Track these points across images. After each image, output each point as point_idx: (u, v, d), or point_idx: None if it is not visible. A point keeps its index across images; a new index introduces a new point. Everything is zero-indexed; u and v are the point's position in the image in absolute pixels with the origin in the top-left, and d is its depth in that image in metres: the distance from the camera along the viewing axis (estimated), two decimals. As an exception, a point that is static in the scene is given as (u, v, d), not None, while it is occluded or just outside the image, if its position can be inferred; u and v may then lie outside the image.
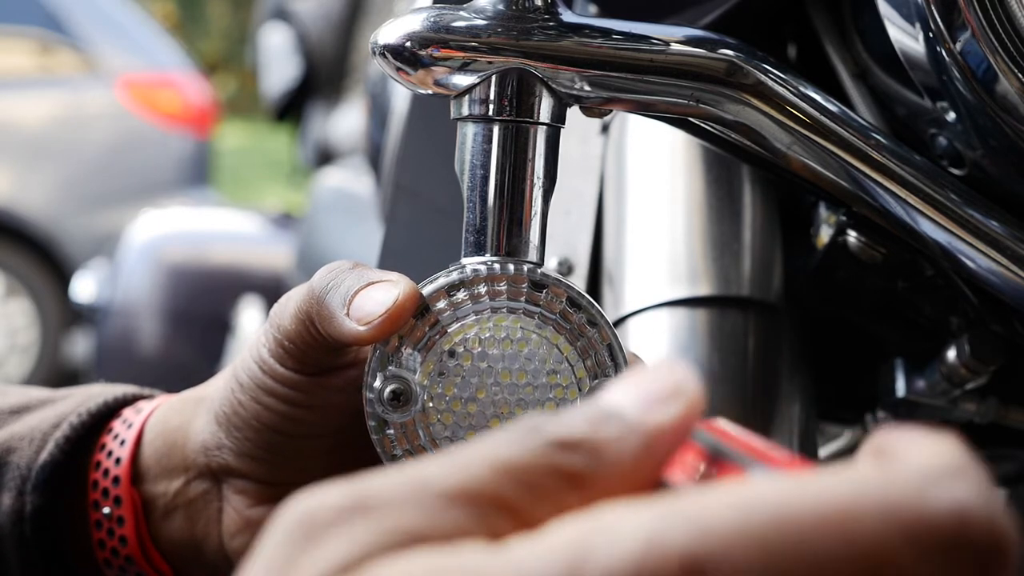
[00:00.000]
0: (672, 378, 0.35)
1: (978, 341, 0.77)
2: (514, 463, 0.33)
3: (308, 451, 0.65)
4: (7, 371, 5.10)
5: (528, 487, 0.33)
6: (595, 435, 0.34)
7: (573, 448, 0.33)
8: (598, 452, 0.34)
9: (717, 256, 0.81)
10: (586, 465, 0.33)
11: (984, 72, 0.64)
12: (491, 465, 0.33)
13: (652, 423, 0.34)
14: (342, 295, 0.60)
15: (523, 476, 0.33)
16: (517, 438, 0.34)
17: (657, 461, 0.34)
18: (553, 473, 0.33)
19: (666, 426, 0.34)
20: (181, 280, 2.96)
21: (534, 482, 0.33)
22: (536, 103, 0.63)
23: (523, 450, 0.33)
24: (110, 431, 0.70)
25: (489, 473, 0.33)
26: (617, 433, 0.34)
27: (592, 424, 0.34)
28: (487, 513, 0.32)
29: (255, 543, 0.68)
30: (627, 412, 0.34)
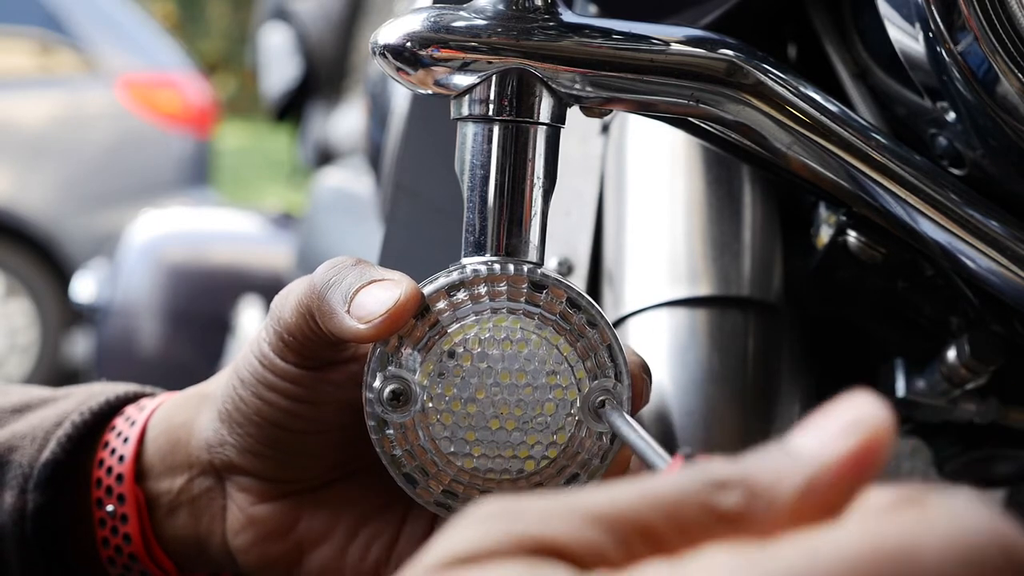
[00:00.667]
0: (853, 410, 0.34)
1: (978, 341, 0.77)
2: (666, 495, 0.33)
3: (310, 447, 0.65)
4: (7, 371, 5.10)
5: (676, 520, 0.33)
6: (755, 473, 0.33)
7: (728, 486, 0.33)
8: (754, 491, 0.33)
9: (717, 256, 0.81)
10: (738, 503, 0.33)
11: (984, 72, 0.64)
12: (643, 494, 0.33)
13: (816, 459, 0.33)
14: (344, 292, 0.60)
15: (673, 508, 0.33)
16: (678, 475, 0.33)
17: (825, 499, 0.33)
18: (703, 508, 0.33)
19: (833, 461, 0.33)
20: (181, 280, 2.96)
21: (683, 515, 0.33)
22: (536, 103, 0.63)
23: (679, 484, 0.33)
24: (113, 429, 0.70)
25: (639, 501, 0.33)
26: (778, 470, 0.33)
27: (756, 462, 0.33)
28: (629, 538, 0.33)
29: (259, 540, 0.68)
30: (802, 450, 0.33)
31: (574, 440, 0.61)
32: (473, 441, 0.61)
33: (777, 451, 0.33)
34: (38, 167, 5.41)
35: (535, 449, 0.61)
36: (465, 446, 0.61)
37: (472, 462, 0.61)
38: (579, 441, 0.61)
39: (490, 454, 0.61)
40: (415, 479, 0.62)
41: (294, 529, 0.67)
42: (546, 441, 0.61)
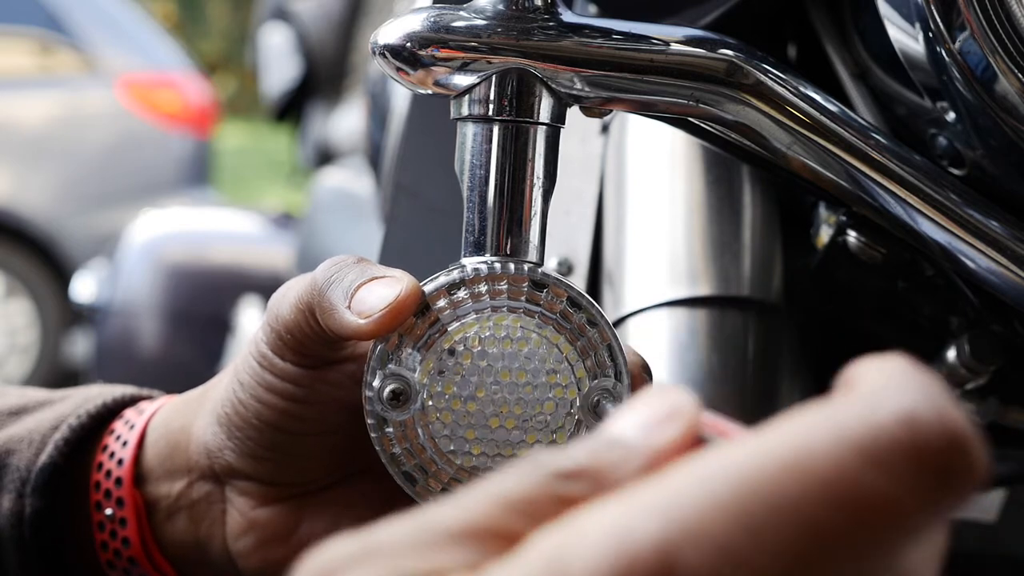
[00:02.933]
0: (669, 401, 0.36)
1: (978, 341, 0.77)
2: (516, 495, 0.33)
3: (310, 450, 0.65)
4: (7, 371, 5.10)
5: (532, 518, 0.33)
6: (596, 462, 0.34)
7: (575, 477, 0.34)
8: (599, 478, 0.34)
9: (717, 256, 0.81)
10: (588, 491, 0.33)
11: (984, 72, 0.64)
12: (494, 500, 0.33)
13: (651, 445, 0.34)
14: (345, 288, 0.60)
15: (526, 508, 0.33)
16: (519, 472, 0.34)
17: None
18: (556, 502, 0.33)
19: (665, 447, 0.35)
20: (181, 280, 2.96)
21: (538, 512, 0.33)
22: (536, 103, 0.63)
23: (525, 483, 0.34)
24: (112, 432, 0.70)
25: (492, 507, 0.33)
26: (617, 458, 0.34)
27: (593, 453, 0.34)
28: (492, 547, 0.33)
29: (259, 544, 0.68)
30: (627, 438, 0.35)
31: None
32: (473, 440, 0.61)
33: (604, 440, 0.35)
34: (38, 167, 5.41)
35: (535, 448, 0.61)
36: (465, 444, 0.61)
37: (472, 460, 0.61)
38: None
39: (490, 453, 0.61)
40: (414, 477, 0.62)
41: (295, 532, 0.67)
42: (546, 440, 0.61)
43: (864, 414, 0.30)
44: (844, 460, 0.29)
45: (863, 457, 0.29)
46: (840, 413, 0.30)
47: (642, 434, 0.35)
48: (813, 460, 0.29)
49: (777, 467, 0.29)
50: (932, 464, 0.29)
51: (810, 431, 0.30)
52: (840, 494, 0.29)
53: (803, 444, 0.30)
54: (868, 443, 0.29)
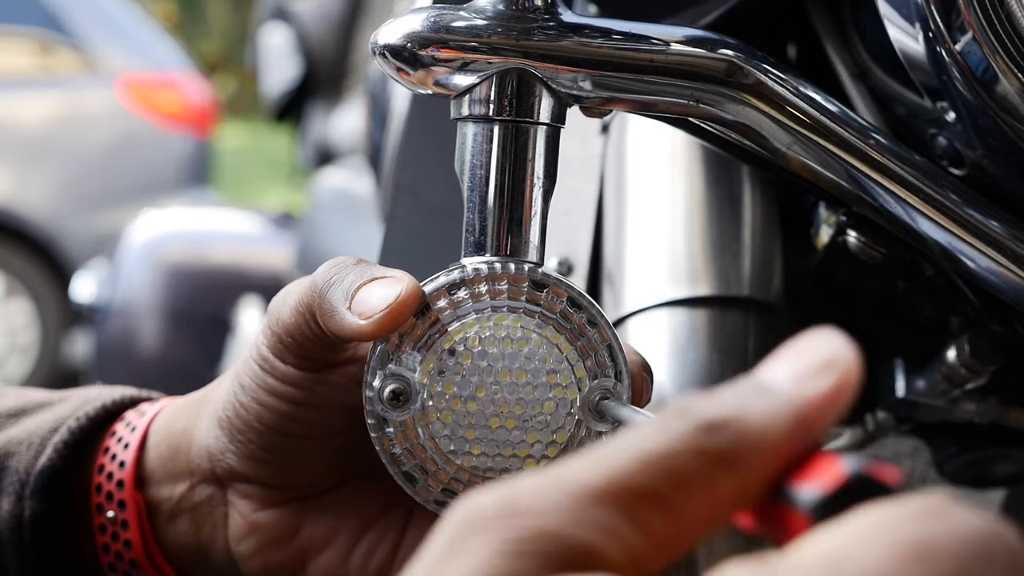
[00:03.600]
0: (826, 349, 0.34)
1: (978, 341, 0.77)
2: (659, 451, 0.32)
3: (311, 452, 0.65)
4: (7, 371, 5.10)
5: (675, 476, 0.32)
6: (742, 412, 0.33)
7: (720, 428, 0.33)
8: (746, 430, 0.33)
9: (717, 256, 0.81)
10: (733, 444, 0.33)
11: (984, 72, 0.64)
12: (635, 457, 0.33)
13: (801, 396, 0.33)
14: (345, 289, 0.60)
15: (669, 464, 0.32)
16: (662, 424, 0.33)
17: (810, 435, 0.33)
18: (700, 456, 0.32)
19: (816, 399, 0.33)
20: (181, 280, 2.96)
21: (681, 469, 0.32)
22: (536, 103, 0.63)
23: (669, 437, 0.33)
24: (112, 434, 0.69)
25: (633, 465, 0.32)
26: (765, 408, 0.33)
27: (740, 400, 0.33)
28: (634, 507, 0.32)
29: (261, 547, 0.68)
30: (777, 386, 0.34)
31: (574, 439, 0.61)
32: (473, 440, 0.61)
33: (754, 387, 0.34)
34: (38, 167, 5.41)
35: (535, 448, 0.61)
36: (465, 444, 0.61)
37: (472, 460, 0.61)
38: (579, 440, 0.61)
39: (490, 453, 0.61)
40: (414, 477, 0.62)
41: (296, 535, 0.67)
42: (546, 440, 0.61)
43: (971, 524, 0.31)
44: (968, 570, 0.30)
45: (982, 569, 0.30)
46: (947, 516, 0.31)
47: (793, 384, 0.34)
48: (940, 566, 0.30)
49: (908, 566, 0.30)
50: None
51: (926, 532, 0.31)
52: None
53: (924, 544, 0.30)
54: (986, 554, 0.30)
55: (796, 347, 0.35)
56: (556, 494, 0.32)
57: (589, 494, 0.32)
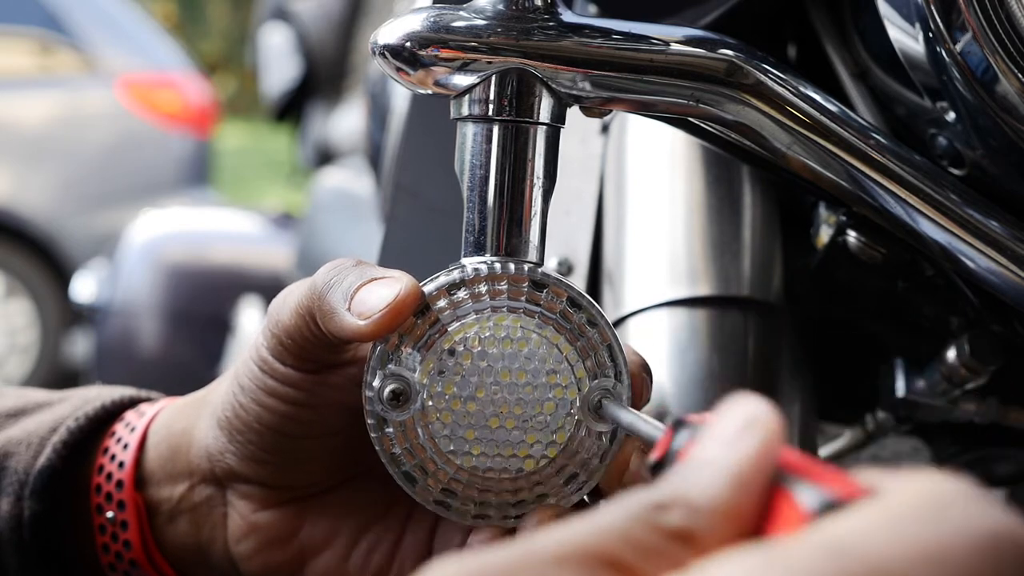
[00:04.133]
0: (742, 412, 0.36)
1: (978, 341, 0.77)
2: (616, 523, 0.34)
3: (311, 453, 0.65)
4: (7, 371, 5.10)
5: (636, 546, 0.34)
6: (684, 487, 0.35)
7: (668, 505, 0.35)
8: (692, 503, 0.35)
9: (717, 256, 0.81)
10: (685, 519, 0.34)
11: (984, 72, 0.64)
12: (596, 529, 0.34)
13: (734, 458, 0.35)
14: (344, 291, 0.60)
15: (629, 536, 0.34)
16: (616, 506, 0.35)
17: (753, 496, 0.35)
18: (656, 532, 0.34)
19: (750, 457, 0.35)
20: (181, 280, 2.96)
21: (641, 540, 0.34)
22: (536, 103, 0.63)
23: (626, 514, 0.34)
24: (112, 434, 0.69)
25: (595, 535, 0.34)
26: (706, 479, 0.35)
27: (680, 479, 0.35)
28: (597, 573, 0.33)
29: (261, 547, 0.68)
30: (710, 457, 0.36)
31: (574, 439, 0.61)
32: (473, 440, 0.61)
33: (694, 462, 0.36)
34: (38, 167, 5.40)
35: (535, 448, 0.61)
36: (465, 445, 0.61)
37: (471, 461, 0.61)
38: (579, 440, 0.61)
39: (489, 453, 0.61)
40: (414, 477, 0.62)
41: (296, 536, 0.67)
42: (546, 440, 0.61)
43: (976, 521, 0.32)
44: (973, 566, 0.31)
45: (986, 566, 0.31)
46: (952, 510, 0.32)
47: (723, 449, 0.35)
48: (944, 559, 0.31)
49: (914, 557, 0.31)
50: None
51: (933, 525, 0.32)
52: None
53: (932, 538, 0.31)
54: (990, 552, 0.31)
55: (715, 418, 0.37)
56: (520, 559, 0.33)
57: (553, 557, 0.33)
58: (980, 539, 0.31)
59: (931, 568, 0.31)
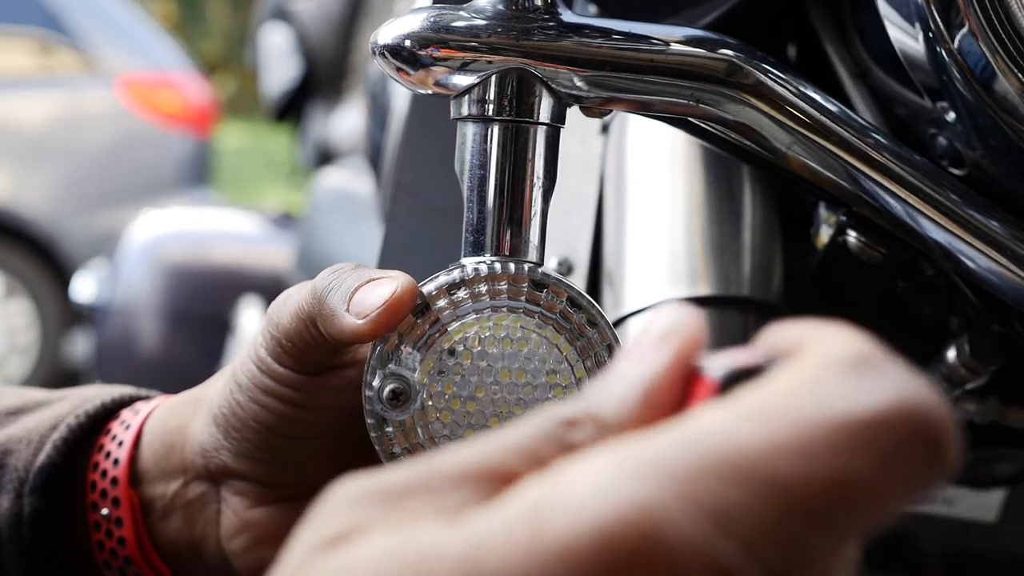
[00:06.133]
0: (661, 322, 0.36)
1: (978, 341, 0.77)
2: (522, 441, 0.34)
3: (307, 452, 0.65)
4: (7, 371, 5.10)
5: (538, 463, 0.33)
6: (594, 403, 0.34)
7: (576, 422, 0.34)
8: (600, 419, 0.34)
9: (717, 256, 0.81)
10: (592, 435, 0.34)
11: (984, 72, 0.64)
12: (499, 445, 0.34)
13: (647, 371, 0.34)
14: (343, 292, 0.60)
15: (532, 452, 0.33)
16: (525, 423, 0.34)
17: (662, 408, 0.34)
18: (561, 448, 0.33)
19: (663, 368, 0.34)
20: (181, 280, 2.96)
21: (545, 457, 0.33)
22: (536, 103, 0.63)
23: (531, 430, 0.34)
24: (108, 432, 0.70)
25: (496, 452, 0.33)
26: (616, 395, 0.34)
27: (591, 394, 0.35)
28: (494, 487, 0.33)
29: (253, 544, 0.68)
30: (624, 372, 0.35)
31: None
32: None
33: (609, 378, 0.35)
34: (38, 167, 5.40)
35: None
36: (465, 445, 0.61)
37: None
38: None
39: (490, 454, 0.61)
40: (415, 479, 0.62)
41: (289, 533, 0.67)
42: None
43: (857, 397, 0.30)
44: (840, 445, 0.30)
45: (859, 445, 0.30)
46: (831, 391, 0.31)
47: (636, 363, 0.35)
48: (810, 441, 0.30)
49: (773, 443, 0.30)
50: (920, 457, 0.30)
51: (805, 407, 0.30)
52: (833, 478, 0.30)
53: (799, 422, 0.30)
54: (867, 434, 0.30)
55: (642, 328, 0.36)
56: (419, 477, 0.33)
57: (452, 475, 0.33)
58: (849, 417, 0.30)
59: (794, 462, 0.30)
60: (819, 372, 0.31)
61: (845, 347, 0.32)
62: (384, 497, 0.32)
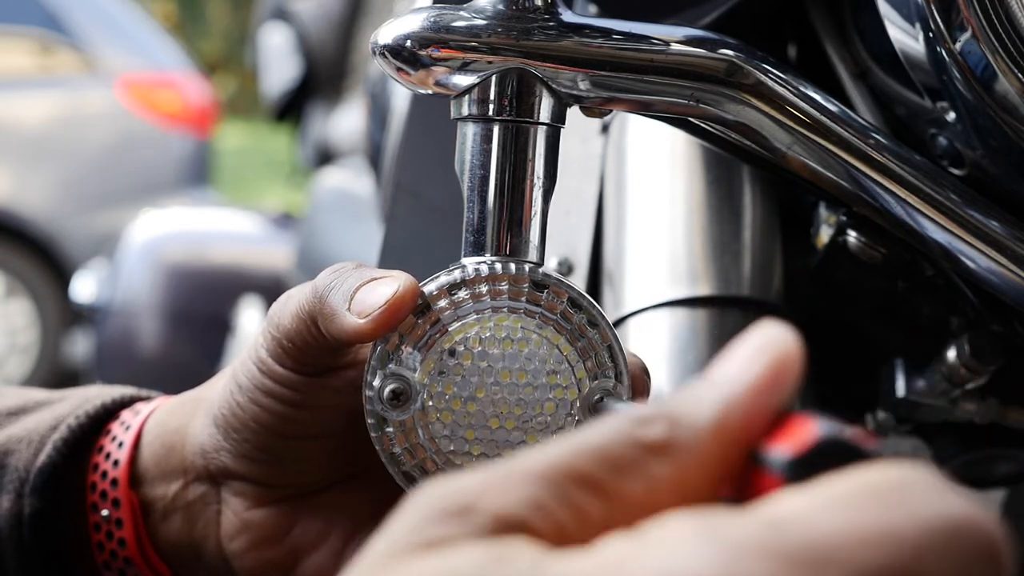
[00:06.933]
0: (760, 337, 0.35)
1: (978, 341, 0.77)
2: (595, 440, 0.34)
3: (306, 453, 0.65)
4: (7, 371, 5.10)
5: (610, 461, 0.33)
6: (671, 404, 0.34)
7: (651, 420, 0.34)
8: (675, 418, 0.34)
9: (717, 256, 0.81)
10: (665, 432, 0.34)
11: (984, 72, 0.64)
12: (573, 445, 0.34)
13: (729, 382, 0.34)
14: (344, 292, 0.60)
15: (603, 451, 0.33)
16: (603, 423, 0.34)
17: (742, 422, 0.34)
18: (631, 445, 0.34)
19: (747, 382, 0.34)
20: (181, 280, 2.96)
21: (615, 455, 0.33)
22: (536, 103, 0.63)
23: (606, 428, 0.34)
24: (108, 433, 0.70)
25: (570, 452, 0.34)
26: (693, 398, 0.34)
27: (671, 397, 0.35)
28: (569, 489, 0.33)
29: (253, 545, 0.68)
30: (710, 378, 0.35)
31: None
32: (473, 440, 0.61)
33: (698, 383, 0.35)
34: (38, 167, 5.40)
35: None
36: (465, 445, 0.61)
37: (471, 461, 0.61)
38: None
39: (490, 453, 0.61)
40: (414, 477, 0.62)
41: (289, 534, 0.67)
42: (546, 441, 0.61)
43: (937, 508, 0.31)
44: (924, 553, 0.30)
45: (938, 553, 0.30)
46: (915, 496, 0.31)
47: (725, 370, 0.34)
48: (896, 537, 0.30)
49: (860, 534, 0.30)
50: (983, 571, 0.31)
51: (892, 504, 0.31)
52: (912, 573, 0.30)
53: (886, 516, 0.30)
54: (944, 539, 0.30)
55: (741, 339, 0.36)
56: (496, 481, 0.33)
57: (529, 474, 0.33)
58: (935, 523, 0.30)
59: (879, 552, 0.30)
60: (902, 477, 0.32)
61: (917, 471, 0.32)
62: (459, 509, 0.33)
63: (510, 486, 0.33)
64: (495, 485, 0.33)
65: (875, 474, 0.32)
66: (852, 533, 0.30)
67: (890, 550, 0.30)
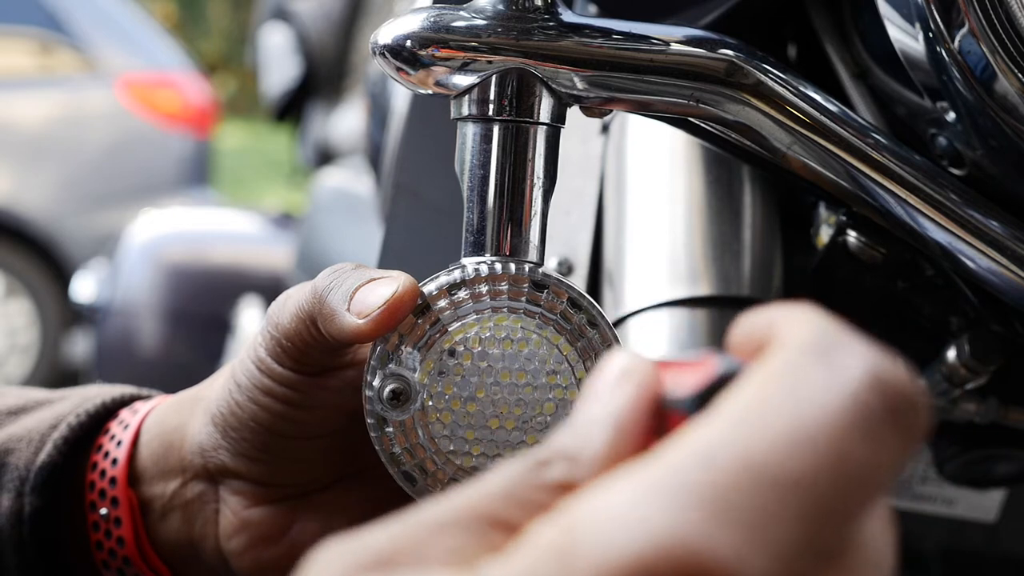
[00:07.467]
0: (616, 366, 0.37)
1: (978, 341, 0.77)
2: (501, 485, 0.34)
3: (305, 452, 0.65)
4: (7, 371, 5.10)
5: (519, 502, 0.34)
6: (565, 442, 0.35)
7: (549, 460, 0.35)
8: (571, 455, 0.35)
9: (717, 256, 0.81)
10: (566, 471, 0.35)
11: (984, 72, 0.64)
12: (480, 492, 0.34)
13: (612, 411, 0.35)
14: (344, 292, 0.60)
15: (511, 495, 0.34)
16: (503, 468, 0.35)
17: (633, 441, 0.35)
18: (540, 488, 0.34)
19: (624, 403, 0.35)
20: (181, 280, 2.96)
21: (524, 497, 0.34)
22: (536, 103, 0.63)
23: (509, 474, 0.35)
24: (107, 432, 0.70)
25: (479, 498, 0.34)
26: (584, 433, 0.35)
27: (562, 435, 0.36)
28: (482, 532, 0.33)
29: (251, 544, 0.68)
30: (589, 412, 0.36)
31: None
32: (472, 440, 0.61)
33: (576, 419, 0.36)
34: (38, 167, 5.41)
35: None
36: (464, 445, 0.61)
37: (471, 461, 0.61)
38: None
39: (489, 453, 0.61)
40: (414, 477, 0.62)
41: (287, 533, 0.67)
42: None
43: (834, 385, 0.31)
44: (838, 436, 0.31)
45: (852, 432, 0.31)
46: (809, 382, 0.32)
47: (599, 404, 0.36)
48: (810, 439, 0.31)
49: (775, 445, 0.30)
50: (900, 424, 0.31)
51: (793, 406, 0.31)
52: (840, 469, 0.30)
53: (794, 421, 0.31)
54: (853, 417, 0.31)
55: (596, 374, 0.37)
56: (406, 533, 0.33)
57: (436, 524, 0.34)
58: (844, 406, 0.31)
59: (800, 450, 0.30)
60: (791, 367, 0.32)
61: (809, 335, 0.33)
62: (376, 562, 0.33)
63: (426, 537, 0.33)
64: (410, 537, 0.33)
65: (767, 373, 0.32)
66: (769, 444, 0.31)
67: (809, 453, 0.30)
